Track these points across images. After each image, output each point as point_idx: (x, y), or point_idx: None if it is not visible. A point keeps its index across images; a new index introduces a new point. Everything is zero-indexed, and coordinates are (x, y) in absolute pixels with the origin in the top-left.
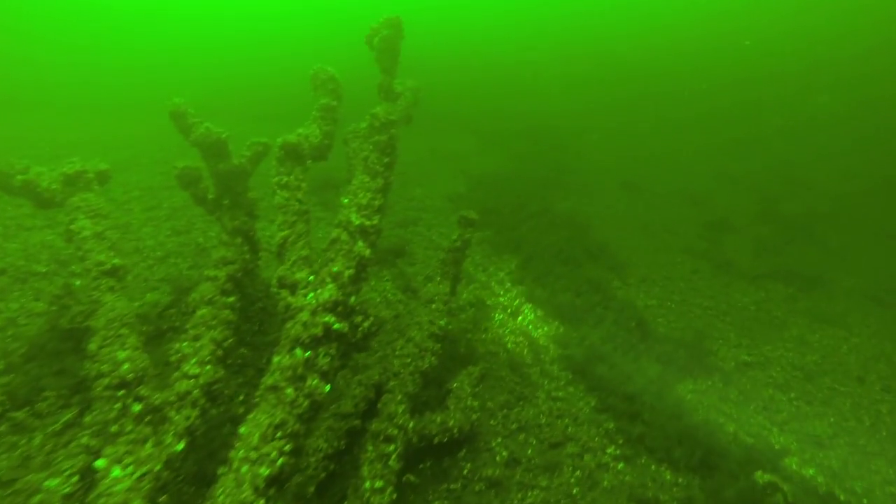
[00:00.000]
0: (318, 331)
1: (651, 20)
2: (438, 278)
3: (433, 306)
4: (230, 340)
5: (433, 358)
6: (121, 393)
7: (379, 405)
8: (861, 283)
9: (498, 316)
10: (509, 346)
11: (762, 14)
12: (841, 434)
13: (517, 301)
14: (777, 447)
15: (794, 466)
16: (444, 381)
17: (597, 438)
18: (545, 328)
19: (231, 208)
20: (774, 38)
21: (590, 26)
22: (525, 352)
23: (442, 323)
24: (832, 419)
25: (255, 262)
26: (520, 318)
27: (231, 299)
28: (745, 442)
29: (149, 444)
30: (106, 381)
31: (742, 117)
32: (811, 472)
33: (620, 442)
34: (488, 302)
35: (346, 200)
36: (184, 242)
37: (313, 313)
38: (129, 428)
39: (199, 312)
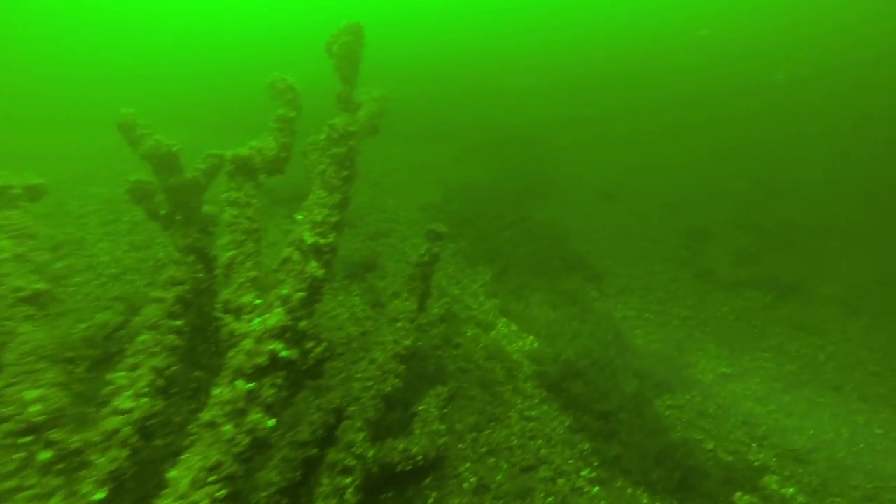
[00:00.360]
0: (263, 360)
1: (634, 29)
2: (405, 294)
3: (398, 325)
4: (174, 368)
5: (397, 380)
6: (25, 440)
7: (337, 433)
8: (837, 291)
9: (470, 331)
10: (481, 362)
11: (749, 27)
12: (820, 448)
13: (491, 315)
14: (756, 464)
15: (773, 486)
16: (411, 402)
17: (571, 461)
18: (519, 343)
19: (184, 224)
20: (762, 50)
21: (570, 36)
22: (498, 369)
23: (407, 343)
24: (811, 432)
25: (211, 281)
26: (493, 332)
27: (178, 323)
28: (724, 460)
29: (56, 498)
30: (8, 426)
31: (724, 129)
32: (791, 490)
33: (596, 464)
34: (461, 316)
35: (300, 217)
36: (143, 258)
37: (258, 340)
38: (31, 481)
39: (139, 338)
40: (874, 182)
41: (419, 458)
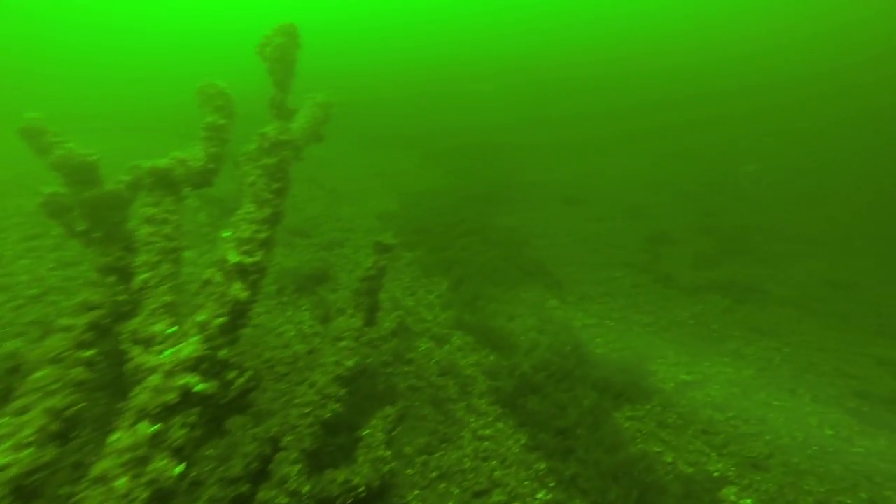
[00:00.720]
0: (173, 396)
1: (597, 34)
2: (351, 311)
3: (342, 344)
4: (77, 407)
5: (337, 405)
6: None
7: (271, 466)
8: (791, 293)
9: (423, 345)
10: (433, 379)
11: (711, 34)
12: (776, 453)
13: (446, 327)
14: (716, 475)
15: (732, 497)
16: (358, 425)
17: (526, 482)
18: (474, 357)
19: (103, 242)
20: (723, 58)
21: (533, 40)
22: (451, 385)
23: (350, 364)
24: (768, 437)
25: (135, 303)
26: (447, 346)
27: (89, 353)
28: (683, 473)
29: None
30: None
31: (684, 132)
32: (749, 501)
33: (552, 485)
34: (414, 329)
35: (226, 234)
36: (70, 276)
37: (168, 375)
38: None
39: (34, 375)
40: (821, 187)
41: (361, 489)
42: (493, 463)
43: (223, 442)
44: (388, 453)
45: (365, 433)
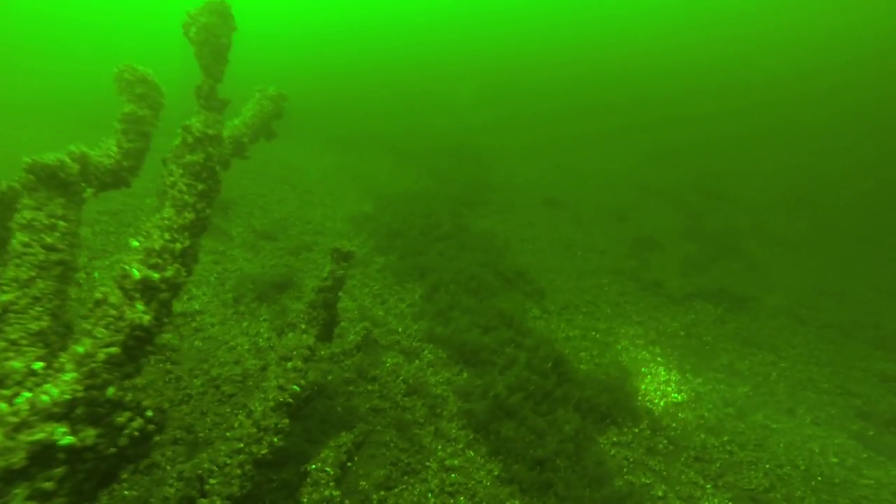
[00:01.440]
0: (18, 459)
1: (574, 34)
2: (303, 326)
3: (289, 364)
4: None
5: (276, 438)
6: None
7: None
8: (783, 301)
9: (391, 360)
10: (399, 399)
11: (695, 34)
12: (777, 485)
13: (417, 340)
14: None
15: None
16: (309, 455)
17: None
18: (446, 374)
19: None
20: (707, 57)
21: (508, 36)
22: (418, 406)
23: (296, 389)
24: (768, 466)
25: None
26: (416, 362)
27: None
28: None
29: None
30: None
31: (664, 131)
32: None
33: None
34: (382, 342)
35: (135, 243)
36: None
37: (16, 428)
38: None
39: None
40: (805, 186)
41: None
42: (461, 499)
43: (146, 480)
44: (338, 492)
45: (313, 467)
